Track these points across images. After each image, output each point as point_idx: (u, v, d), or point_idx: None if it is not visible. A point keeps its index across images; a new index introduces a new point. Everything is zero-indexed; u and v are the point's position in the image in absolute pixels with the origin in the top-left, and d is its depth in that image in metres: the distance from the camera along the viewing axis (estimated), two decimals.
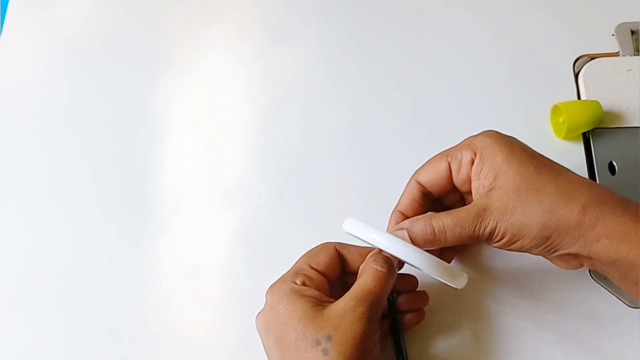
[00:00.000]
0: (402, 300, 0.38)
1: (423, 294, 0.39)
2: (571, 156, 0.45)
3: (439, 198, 0.38)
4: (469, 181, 0.35)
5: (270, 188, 0.46)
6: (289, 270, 0.36)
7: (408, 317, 0.38)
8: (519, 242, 0.33)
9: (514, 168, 0.33)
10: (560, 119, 0.44)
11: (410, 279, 0.39)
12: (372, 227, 0.34)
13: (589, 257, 0.32)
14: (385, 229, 0.38)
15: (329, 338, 0.31)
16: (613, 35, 0.48)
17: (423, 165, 0.37)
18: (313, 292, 0.33)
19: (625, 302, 0.40)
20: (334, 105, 0.49)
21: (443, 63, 0.49)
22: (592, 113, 0.43)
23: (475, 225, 0.33)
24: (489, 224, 0.33)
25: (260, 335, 0.35)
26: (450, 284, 0.34)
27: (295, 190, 0.46)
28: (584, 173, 0.44)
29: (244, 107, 0.49)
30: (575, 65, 0.48)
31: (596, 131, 0.44)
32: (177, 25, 0.53)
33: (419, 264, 0.33)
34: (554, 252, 0.33)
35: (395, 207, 0.38)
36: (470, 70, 0.49)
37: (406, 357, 0.37)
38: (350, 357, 0.31)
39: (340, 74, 0.50)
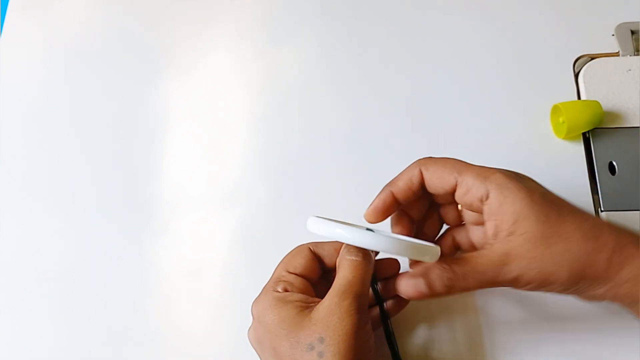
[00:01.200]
0: (383, 286, 0.37)
1: None
2: (571, 156, 0.45)
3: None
4: (472, 208, 0.34)
5: (270, 188, 0.46)
6: (268, 281, 0.35)
7: (390, 303, 0.37)
8: (547, 287, 0.32)
9: (536, 216, 0.31)
10: (560, 119, 0.44)
11: (392, 263, 0.37)
12: (333, 223, 0.32)
13: (613, 298, 0.33)
14: (373, 209, 0.36)
15: (321, 340, 0.30)
16: (613, 35, 0.48)
17: (433, 162, 0.35)
18: (297, 297, 0.33)
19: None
20: (334, 105, 0.49)
21: (443, 63, 0.49)
22: (592, 113, 0.43)
23: (498, 273, 0.32)
24: (512, 270, 0.32)
25: (255, 351, 0.34)
26: (424, 260, 0.33)
27: (295, 190, 0.46)
28: (584, 173, 0.44)
29: (244, 107, 0.49)
30: (575, 65, 0.48)
31: (596, 131, 0.44)
32: (177, 25, 0.53)
33: (387, 248, 0.32)
34: (580, 293, 0.33)
35: (387, 185, 0.36)
36: (470, 70, 0.49)
37: (396, 345, 0.37)
38: (346, 354, 0.30)
39: (341, 74, 0.50)
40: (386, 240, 0.31)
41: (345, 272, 0.32)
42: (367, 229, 0.33)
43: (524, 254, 0.31)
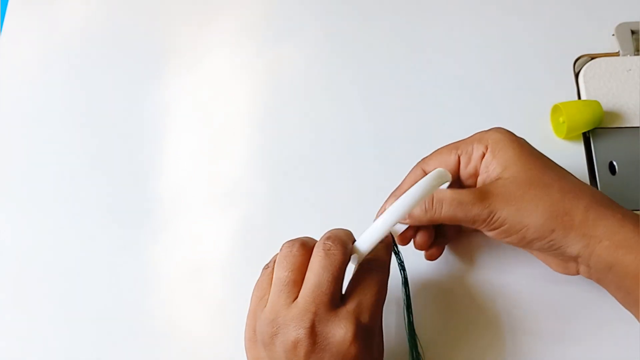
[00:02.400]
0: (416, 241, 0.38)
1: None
2: (571, 156, 0.45)
3: None
4: (476, 175, 0.36)
5: (270, 187, 0.46)
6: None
7: (427, 253, 0.39)
8: (519, 233, 0.33)
9: (523, 163, 0.34)
10: (561, 119, 0.44)
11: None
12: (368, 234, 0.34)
13: (588, 264, 0.33)
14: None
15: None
16: (613, 35, 0.48)
17: (431, 155, 0.37)
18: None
19: None
20: (335, 104, 0.49)
21: (443, 63, 0.49)
22: (592, 113, 0.43)
23: (475, 204, 0.33)
24: (489, 206, 0.33)
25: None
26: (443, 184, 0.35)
27: (296, 190, 0.46)
28: (584, 173, 0.44)
29: (245, 107, 0.49)
30: (575, 65, 0.48)
31: (596, 131, 0.44)
32: (178, 23, 0.53)
33: (415, 198, 0.33)
34: (555, 249, 0.33)
35: (393, 192, 0.38)
36: (470, 70, 0.49)
37: (411, 315, 0.37)
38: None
39: (342, 73, 0.50)
40: (410, 196, 0.33)
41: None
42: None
43: (504, 193, 0.33)
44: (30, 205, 0.47)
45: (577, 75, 0.47)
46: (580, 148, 0.45)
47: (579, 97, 0.47)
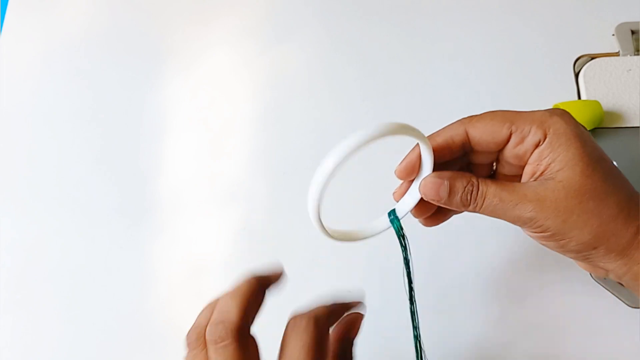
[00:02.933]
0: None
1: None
2: None
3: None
4: (523, 160, 0.32)
5: (270, 188, 0.46)
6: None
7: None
8: (560, 242, 0.31)
9: (582, 168, 0.30)
10: None
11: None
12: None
13: (618, 276, 0.32)
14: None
15: None
16: (613, 35, 0.48)
17: (481, 116, 0.33)
18: None
19: (625, 302, 0.40)
20: (336, 104, 0.49)
21: (443, 63, 0.49)
22: (592, 113, 0.43)
23: (517, 206, 0.30)
24: (532, 210, 0.30)
25: None
26: (414, 137, 0.31)
27: (296, 189, 0.46)
28: None
29: (246, 106, 0.49)
30: (575, 65, 0.48)
31: (596, 131, 0.44)
32: (178, 23, 0.53)
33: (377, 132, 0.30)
34: (590, 261, 0.32)
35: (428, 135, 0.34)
36: (470, 71, 0.49)
37: (413, 289, 0.34)
38: None
39: (343, 73, 0.50)
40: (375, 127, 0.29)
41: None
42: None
43: (554, 200, 0.30)
44: (30, 205, 0.47)
45: (577, 75, 0.47)
46: None
47: (579, 97, 0.47)
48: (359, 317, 0.33)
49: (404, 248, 0.34)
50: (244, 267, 0.43)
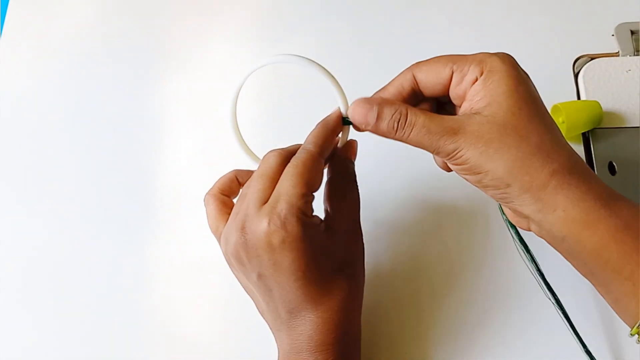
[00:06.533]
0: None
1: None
2: None
3: (425, 99, 0.36)
4: (463, 98, 0.33)
5: None
6: (290, 196, 0.32)
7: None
8: (477, 176, 0.31)
9: (510, 104, 0.31)
10: (560, 119, 0.44)
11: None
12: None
13: (539, 226, 0.31)
14: None
15: (345, 262, 0.34)
16: (613, 35, 0.48)
17: (426, 62, 0.34)
18: (318, 219, 0.34)
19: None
20: (336, 103, 0.49)
21: None
22: (592, 113, 0.43)
23: (442, 137, 0.31)
24: (455, 142, 0.31)
25: (236, 262, 0.34)
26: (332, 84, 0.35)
27: None
28: None
29: (245, 106, 0.49)
30: (575, 65, 0.48)
31: (596, 131, 0.44)
32: (178, 23, 0.53)
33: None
34: (507, 202, 0.32)
35: (376, 92, 0.36)
36: None
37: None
38: (361, 272, 0.35)
39: (343, 73, 0.49)
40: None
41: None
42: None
43: (475, 132, 0.30)
44: (30, 205, 0.47)
45: (576, 76, 0.47)
46: (580, 148, 0.45)
47: (579, 98, 0.47)
48: (353, 143, 0.37)
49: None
50: None
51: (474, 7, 0.51)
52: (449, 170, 0.35)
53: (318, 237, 0.33)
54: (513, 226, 0.36)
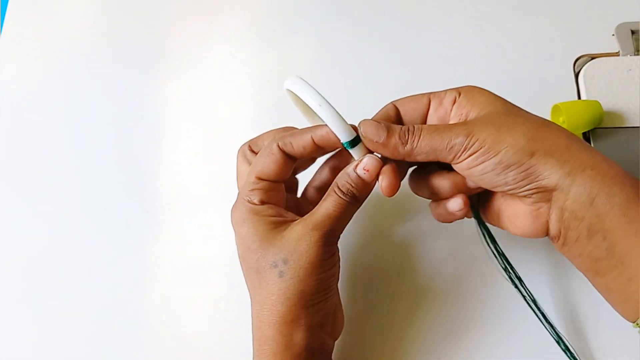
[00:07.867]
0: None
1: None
2: None
3: None
4: (445, 120, 0.34)
5: None
6: (243, 187, 0.36)
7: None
8: (498, 155, 0.30)
9: (501, 103, 0.33)
10: (561, 119, 0.44)
11: None
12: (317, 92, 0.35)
13: (563, 205, 0.30)
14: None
15: (285, 261, 0.32)
16: (613, 35, 0.48)
17: (405, 97, 0.36)
18: (271, 211, 0.34)
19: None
20: (336, 103, 0.49)
21: (444, 63, 0.49)
22: (592, 113, 0.43)
23: (452, 130, 0.31)
24: (467, 127, 0.31)
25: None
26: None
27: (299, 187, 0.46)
28: None
29: (245, 106, 0.49)
30: (575, 65, 0.48)
31: (596, 131, 0.44)
32: (178, 23, 0.53)
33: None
34: (532, 179, 0.30)
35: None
36: (470, 71, 0.49)
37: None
38: (305, 280, 0.32)
39: (343, 72, 0.50)
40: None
41: (328, 206, 0.33)
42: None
43: (483, 118, 0.32)
44: (29, 204, 0.47)
45: (577, 75, 0.47)
46: None
47: (579, 97, 0.47)
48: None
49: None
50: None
51: (474, 7, 0.51)
52: (449, 220, 0.35)
53: (261, 223, 0.34)
54: (491, 238, 0.36)
